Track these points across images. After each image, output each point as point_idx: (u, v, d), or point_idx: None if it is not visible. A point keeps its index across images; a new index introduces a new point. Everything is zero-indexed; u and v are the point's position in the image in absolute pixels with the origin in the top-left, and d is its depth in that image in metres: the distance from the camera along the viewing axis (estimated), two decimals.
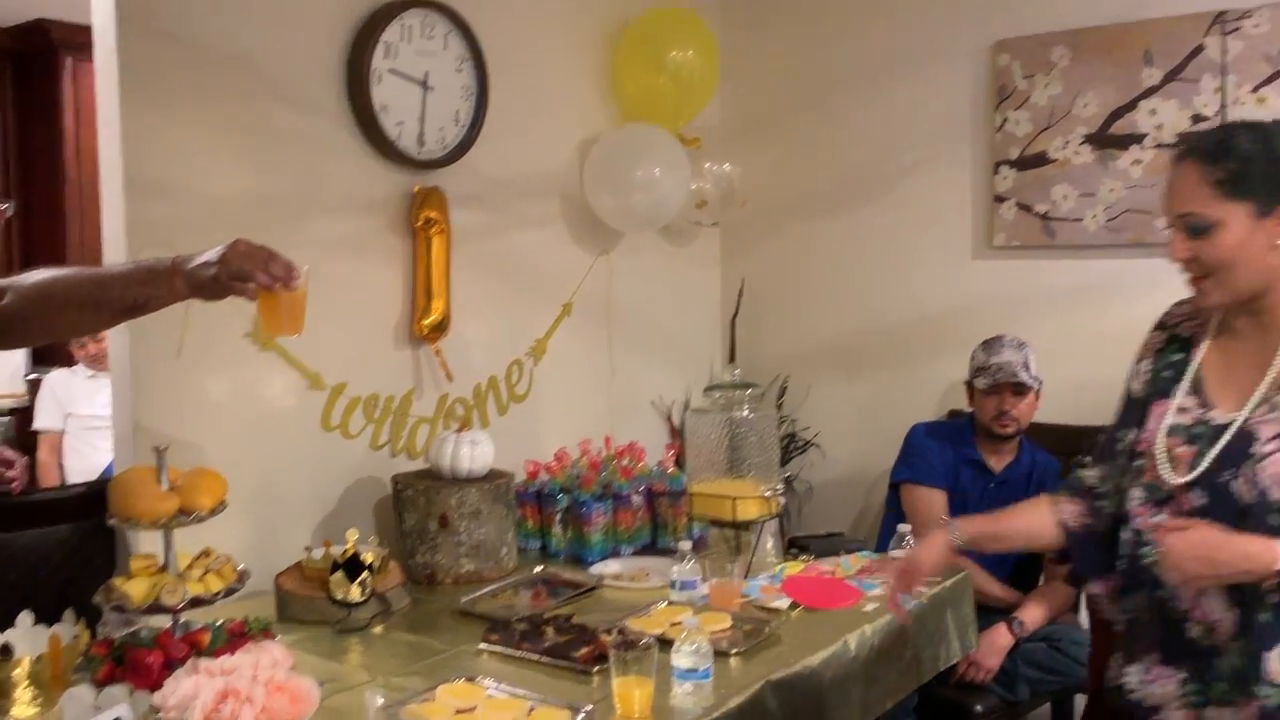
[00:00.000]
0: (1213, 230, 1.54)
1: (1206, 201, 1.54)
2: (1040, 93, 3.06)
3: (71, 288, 1.57)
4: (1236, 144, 1.55)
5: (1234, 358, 1.63)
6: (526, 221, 3.04)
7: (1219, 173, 1.54)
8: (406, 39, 2.61)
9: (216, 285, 1.60)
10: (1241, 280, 1.56)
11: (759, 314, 3.68)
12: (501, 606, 2.27)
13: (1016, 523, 1.88)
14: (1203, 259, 1.57)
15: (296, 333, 1.74)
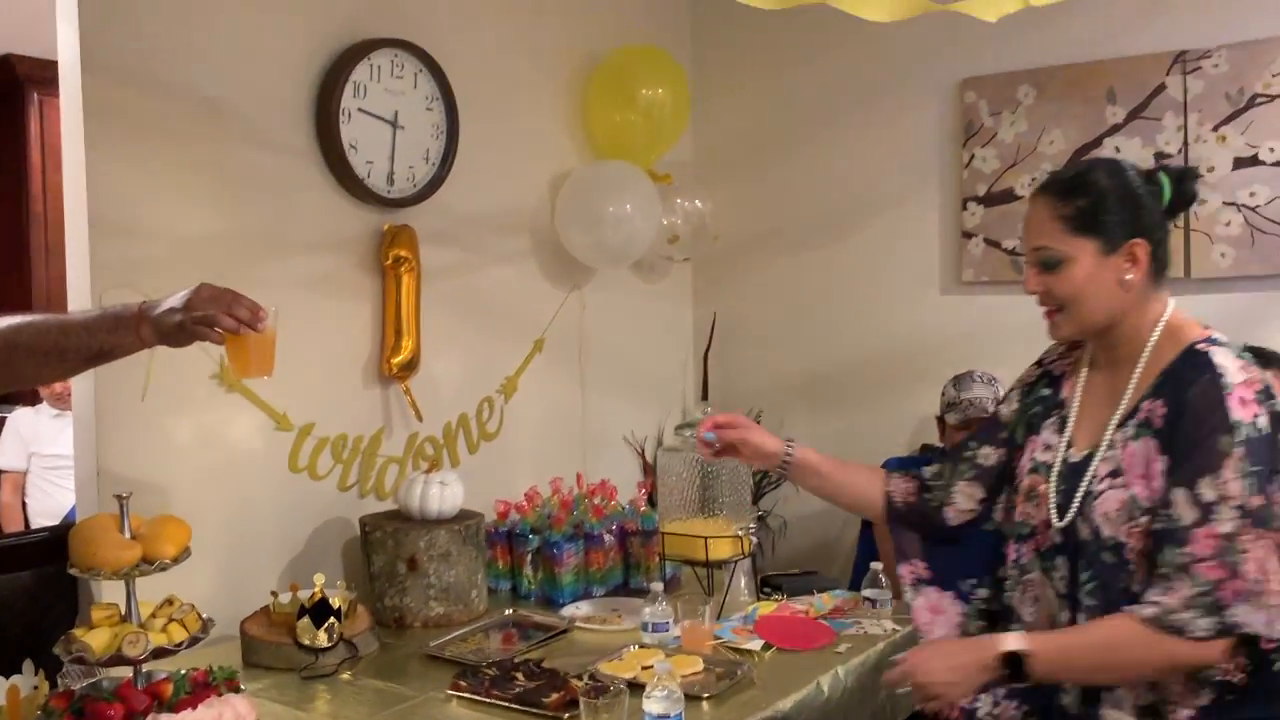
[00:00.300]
0: (1062, 265, 1.57)
1: (1057, 237, 1.57)
2: (1007, 130, 3.10)
3: (37, 335, 1.54)
4: (1088, 182, 1.58)
5: (1092, 394, 1.65)
6: (498, 258, 3.03)
7: (1068, 209, 1.57)
8: (376, 78, 2.61)
9: (182, 331, 1.59)
10: (1089, 314, 1.58)
11: (731, 348, 3.69)
12: (471, 650, 2.24)
13: (850, 476, 1.92)
14: (1054, 292, 1.59)
15: (266, 374, 1.73)
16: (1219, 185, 2.81)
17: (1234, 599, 1.41)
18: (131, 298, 2.17)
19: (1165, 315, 1.58)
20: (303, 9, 2.51)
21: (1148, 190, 1.58)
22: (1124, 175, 1.59)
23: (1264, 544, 1.41)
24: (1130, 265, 1.55)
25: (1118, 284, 1.56)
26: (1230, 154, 2.80)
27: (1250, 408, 1.45)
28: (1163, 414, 1.51)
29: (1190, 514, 1.44)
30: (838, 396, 3.49)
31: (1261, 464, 1.43)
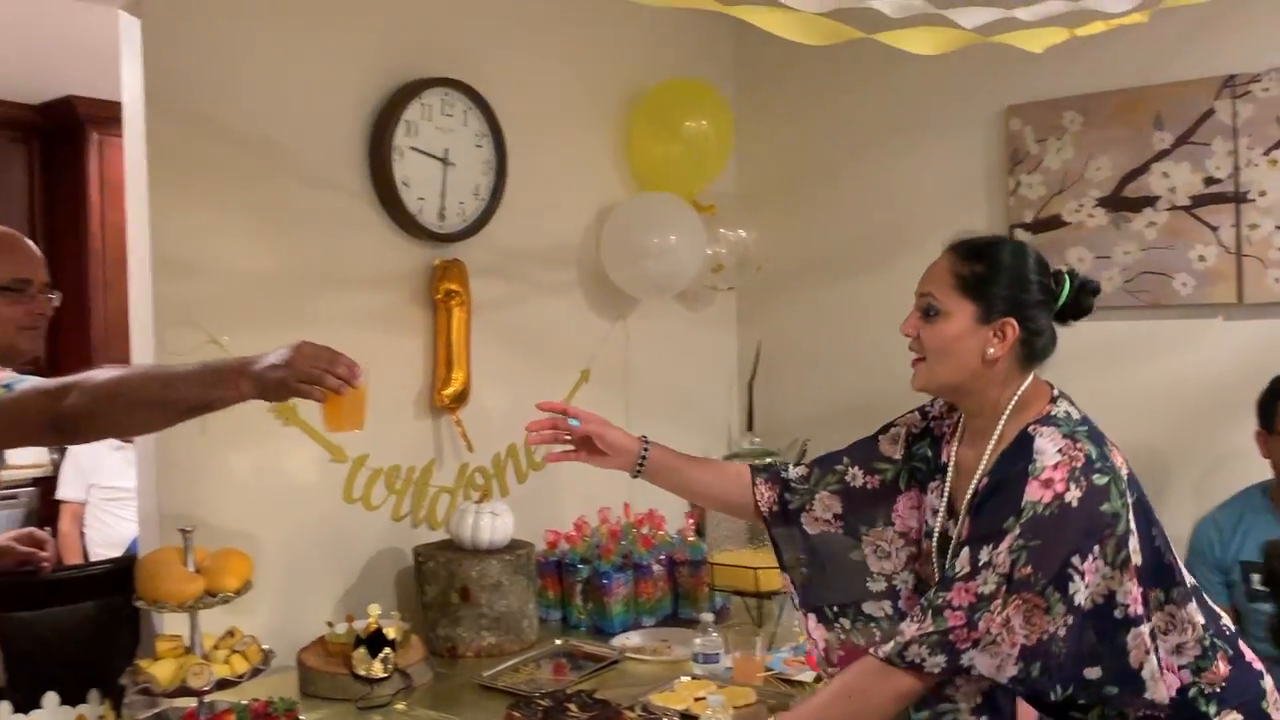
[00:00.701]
0: (939, 317, 1.63)
1: (945, 291, 1.64)
2: (1053, 156, 3.09)
3: (139, 388, 1.58)
4: (990, 253, 1.64)
5: (960, 467, 1.71)
6: (544, 290, 3.07)
7: (964, 270, 1.63)
8: (427, 117, 2.67)
9: (284, 388, 1.62)
10: (946, 372, 1.64)
11: (777, 377, 3.69)
12: (523, 681, 2.26)
13: (707, 473, 1.93)
14: (924, 340, 1.65)
15: (358, 429, 1.76)
16: (1271, 210, 2.79)
17: (968, 646, 1.50)
18: (192, 335, 2.26)
19: (1020, 391, 1.64)
20: (356, 51, 2.58)
21: (1041, 283, 1.64)
22: (1025, 260, 1.65)
23: (1016, 604, 1.49)
24: (998, 341, 1.61)
25: (980, 353, 1.61)
26: None
27: (1053, 488, 1.51)
28: (983, 488, 1.61)
29: (963, 569, 1.53)
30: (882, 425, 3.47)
31: (1043, 539, 1.49)
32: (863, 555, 1.79)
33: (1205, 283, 2.87)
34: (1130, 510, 1.54)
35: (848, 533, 1.80)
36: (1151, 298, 2.95)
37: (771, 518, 1.85)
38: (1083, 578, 1.49)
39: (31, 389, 1.52)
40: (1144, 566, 1.56)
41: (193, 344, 2.26)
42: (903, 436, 1.82)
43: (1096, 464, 1.53)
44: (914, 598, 1.75)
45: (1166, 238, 2.92)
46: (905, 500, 1.78)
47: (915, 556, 1.76)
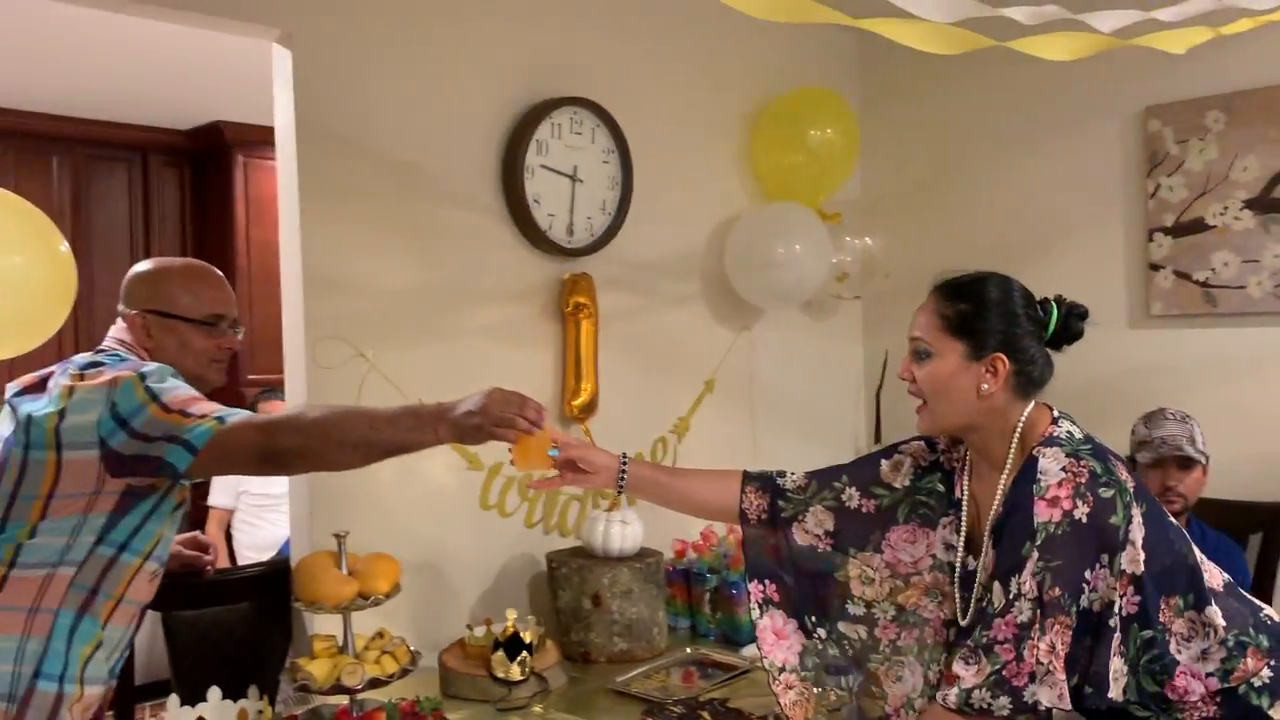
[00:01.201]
0: (931, 359, 1.67)
1: (933, 333, 1.68)
2: (1195, 158, 2.98)
3: (347, 428, 1.66)
4: (974, 291, 1.67)
5: (974, 502, 1.72)
6: (670, 302, 3.12)
7: (949, 310, 1.67)
8: (557, 135, 2.74)
9: (479, 432, 1.70)
10: (946, 412, 1.67)
11: (904, 386, 3.64)
12: (656, 687, 2.30)
13: (691, 484, 1.94)
14: (920, 383, 1.69)
15: (547, 467, 1.85)
16: None
17: (1025, 681, 1.52)
18: (340, 349, 2.37)
19: (1022, 418, 1.66)
20: (489, 75, 2.67)
21: (1028, 315, 1.67)
22: (1008, 295, 1.67)
23: (1055, 629, 1.53)
24: (990, 376, 1.63)
25: (975, 390, 1.64)
26: None
27: (1060, 506, 1.55)
28: (999, 517, 1.63)
29: (999, 602, 1.56)
30: None
31: (1061, 557, 1.53)
32: (846, 576, 1.81)
33: None
34: (1134, 522, 1.56)
35: (837, 550, 1.82)
36: None
37: (757, 523, 1.87)
38: (1091, 588, 1.54)
39: (243, 422, 1.62)
40: (1164, 574, 1.59)
41: (341, 358, 2.38)
42: (907, 465, 1.83)
43: (1102, 478, 1.56)
44: (891, 627, 1.78)
45: None
46: (899, 532, 1.79)
47: (898, 589, 1.78)
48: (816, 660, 1.81)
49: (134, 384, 1.65)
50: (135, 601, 1.77)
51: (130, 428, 1.62)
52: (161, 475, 1.65)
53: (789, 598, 1.83)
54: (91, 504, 1.65)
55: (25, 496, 1.64)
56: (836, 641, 1.80)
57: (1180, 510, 2.71)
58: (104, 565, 1.69)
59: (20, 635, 1.62)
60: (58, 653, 1.65)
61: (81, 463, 1.63)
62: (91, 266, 4.91)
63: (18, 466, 1.65)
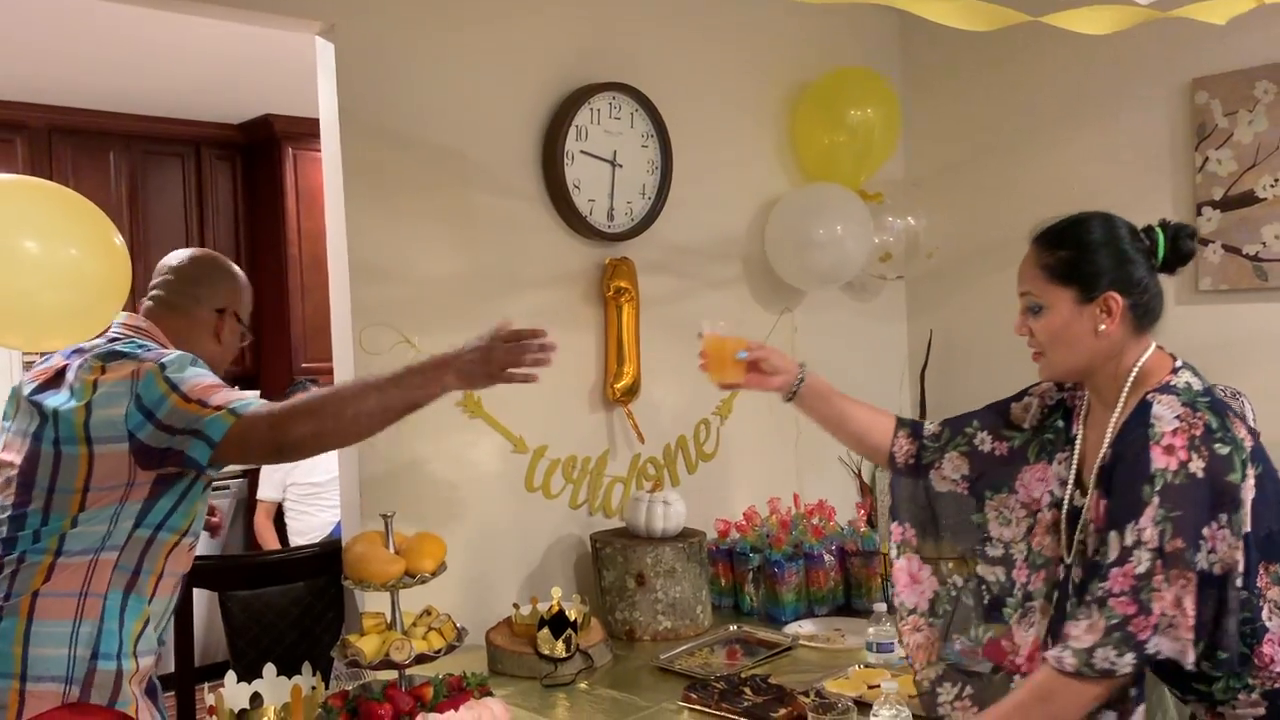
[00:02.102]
0: (1043, 311, 1.67)
1: (1039, 284, 1.67)
2: (1244, 130, 2.93)
3: (356, 402, 1.69)
4: (1072, 235, 1.66)
5: (1088, 440, 1.72)
6: (711, 284, 3.13)
7: (1051, 259, 1.66)
8: (596, 120, 2.77)
9: (488, 379, 1.76)
10: (1065, 359, 1.67)
11: (949, 366, 3.64)
12: (699, 664, 2.33)
13: (856, 410, 1.96)
14: (1036, 336, 1.69)
15: (737, 373, 1.92)
16: None
17: (1149, 633, 1.50)
18: (387, 335, 2.42)
19: (1140, 361, 1.64)
20: (528, 63, 2.70)
21: (1134, 246, 1.65)
22: (1110, 230, 1.66)
23: (1180, 583, 1.49)
24: (1105, 316, 1.63)
25: (1092, 333, 1.63)
26: None
27: (1176, 455, 1.52)
28: (1109, 463, 1.62)
29: (1114, 553, 1.53)
30: None
31: (1182, 509, 1.50)
32: (984, 519, 1.84)
33: None
34: (1247, 482, 1.53)
35: (973, 494, 1.85)
36: None
37: (905, 469, 1.91)
38: (1210, 547, 1.50)
39: (256, 415, 1.65)
40: (1268, 539, 1.55)
41: (388, 343, 2.43)
42: (1036, 406, 1.84)
43: (1217, 434, 1.52)
44: (1024, 568, 1.79)
45: None
46: (1031, 472, 1.81)
47: (1032, 529, 1.79)
48: (948, 608, 1.85)
49: (155, 375, 1.69)
50: (175, 573, 1.83)
51: (156, 419, 1.66)
52: (188, 468, 1.71)
53: (926, 543, 1.87)
54: (126, 494, 1.70)
55: (63, 490, 1.69)
56: (974, 589, 1.83)
57: None
58: (143, 546, 1.74)
59: (72, 620, 1.68)
60: (111, 632, 1.71)
61: (113, 456, 1.68)
62: (149, 258, 5.02)
63: (51, 461, 1.69)
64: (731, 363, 1.90)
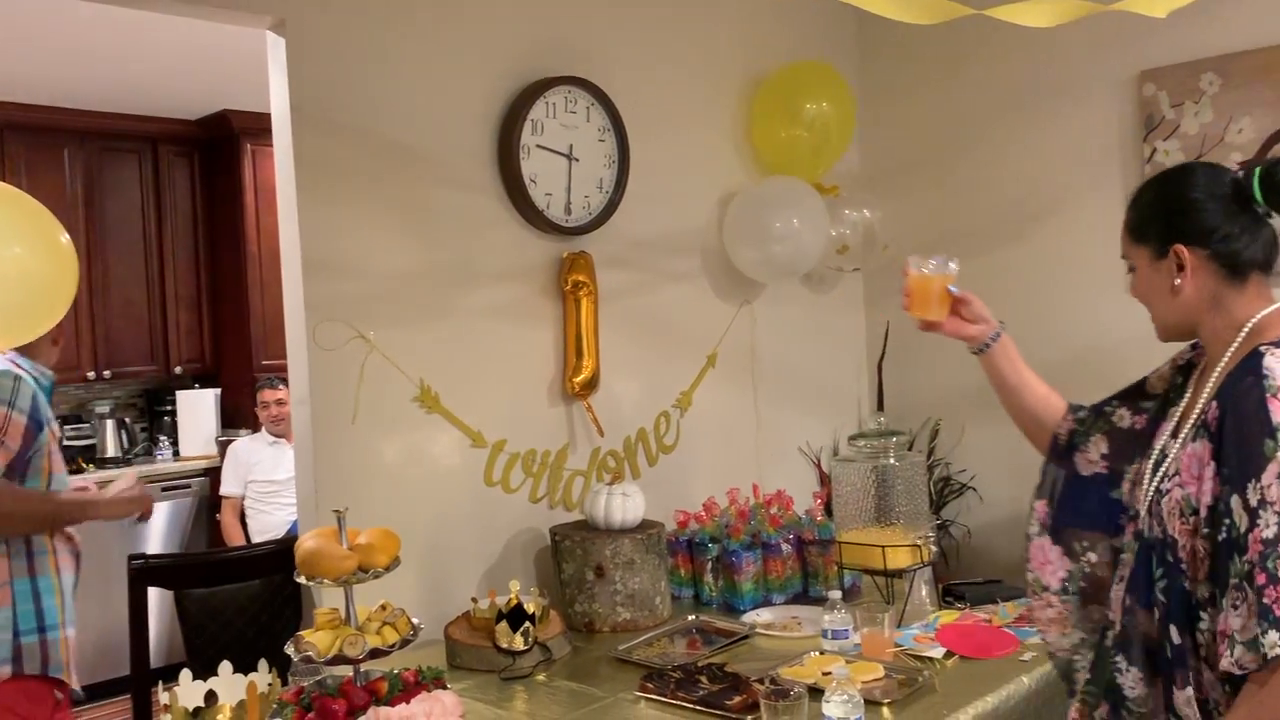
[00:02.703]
0: (1134, 272, 1.66)
1: (1125, 245, 1.67)
2: (1190, 121, 2.98)
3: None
4: (1144, 191, 1.65)
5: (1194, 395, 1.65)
6: (669, 278, 3.15)
7: (1130, 219, 1.65)
8: (551, 115, 2.77)
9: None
10: (1159, 316, 1.64)
11: (907, 357, 3.67)
12: (657, 654, 2.34)
13: (1035, 384, 1.94)
14: (1135, 295, 1.68)
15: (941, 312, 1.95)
16: None
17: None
18: (342, 330, 2.41)
19: (1255, 318, 1.55)
20: (483, 57, 2.70)
21: (1211, 193, 1.56)
22: (1184, 183, 1.59)
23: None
24: (1178, 270, 1.57)
25: (1169, 289, 1.59)
26: None
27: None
28: (1216, 416, 1.51)
29: (1244, 520, 1.42)
30: None
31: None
32: (1121, 493, 1.74)
33: None
34: None
35: (1111, 473, 1.78)
36: None
37: (1057, 449, 1.86)
38: None
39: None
40: None
41: (342, 339, 2.43)
42: (1168, 370, 1.79)
43: None
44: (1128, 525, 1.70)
45: None
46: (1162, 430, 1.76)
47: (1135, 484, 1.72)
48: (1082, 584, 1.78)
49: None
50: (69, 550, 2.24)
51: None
52: None
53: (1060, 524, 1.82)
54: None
55: None
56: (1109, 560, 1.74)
57: None
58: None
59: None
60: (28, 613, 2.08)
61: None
62: (106, 257, 4.99)
63: None
64: (937, 299, 1.92)
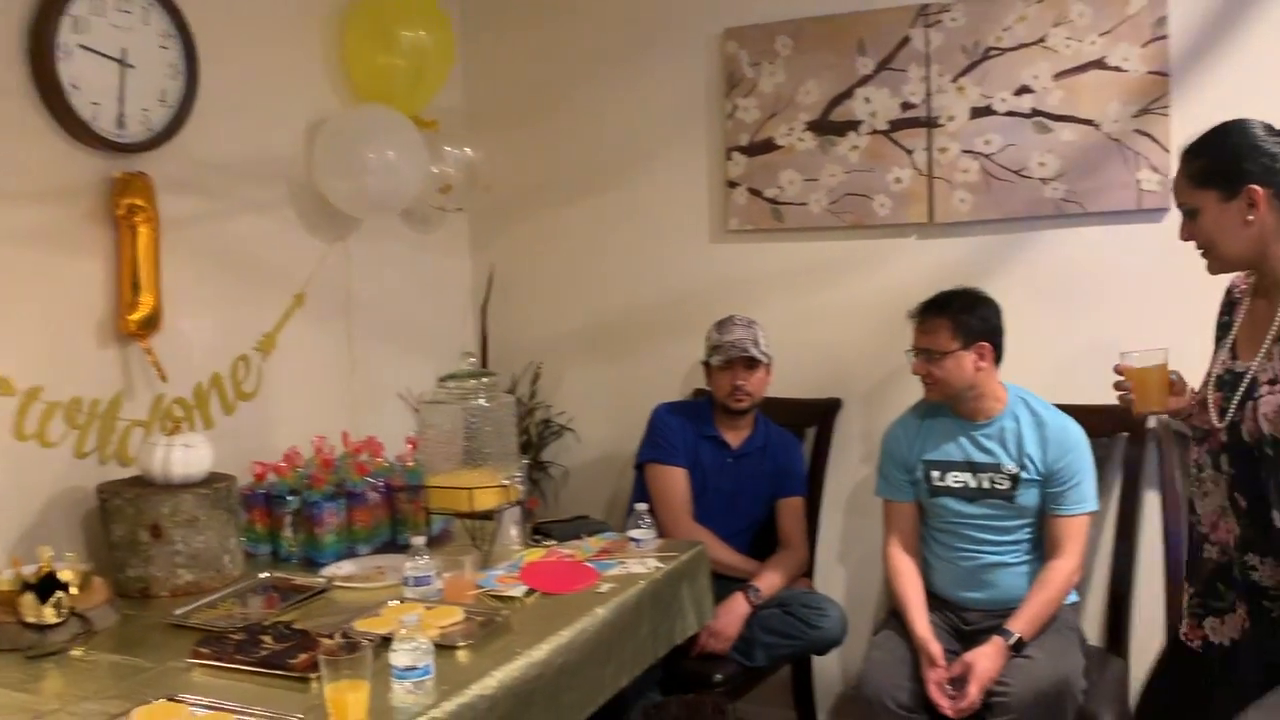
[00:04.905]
0: (1196, 215, 1.88)
1: (1186, 192, 1.89)
2: (767, 80, 3.17)
3: None
4: (1208, 143, 1.87)
5: (1258, 317, 1.93)
6: (250, 207, 2.88)
7: (1192, 168, 1.88)
8: (99, 12, 2.40)
9: None
10: (1226, 253, 1.88)
11: (510, 301, 3.66)
12: (221, 616, 2.15)
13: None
14: (1197, 238, 1.90)
15: (1165, 403, 2.02)
16: (958, 134, 2.97)
17: None
18: None
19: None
20: None
21: (1271, 140, 1.83)
22: (1245, 133, 1.85)
23: None
24: (1250, 207, 1.82)
25: (1243, 225, 1.83)
26: (968, 104, 2.96)
27: None
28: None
29: None
30: (614, 346, 3.52)
31: None
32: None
33: (901, 204, 3.05)
34: None
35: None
36: (854, 218, 3.11)
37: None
38: None
39: None
40: None
41: None
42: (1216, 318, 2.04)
43: None
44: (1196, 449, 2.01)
45: (867, 161, 3.07)
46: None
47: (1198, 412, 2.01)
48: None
49: None
50: None
51: None
52: None
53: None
54: None
55: None
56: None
57: (748, 407, 2.93)
58: None
59: None
60: None
61: None
62: None
63: None
64: (1158, 390, 2.00)
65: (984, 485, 2.56)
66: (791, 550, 2.92)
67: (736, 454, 2.96)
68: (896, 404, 2.85)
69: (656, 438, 2.97)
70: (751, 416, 2.98)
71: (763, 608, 2.77)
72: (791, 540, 2.93)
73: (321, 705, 1.66)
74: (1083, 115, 2.83)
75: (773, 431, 3.01)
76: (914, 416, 2.72)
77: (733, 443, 2.97)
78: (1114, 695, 2.54)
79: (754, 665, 2.75)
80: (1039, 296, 2.89)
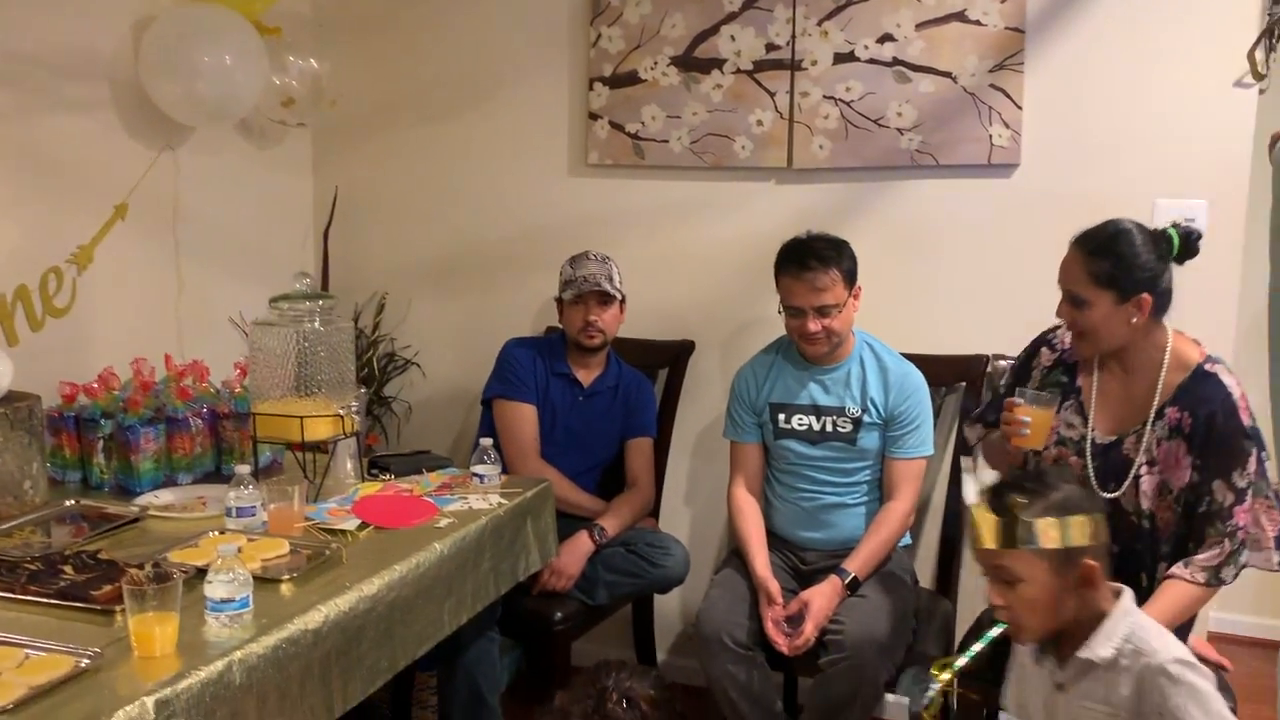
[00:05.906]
0: (1086, 306, 2.05)
1: (1084, 285, 2.05)
2: (632, 10, 3.08)
3: None
4: (1113, 249, 2.03)
5: (1107, 392, 2.15)
6: (64, 106, 2.62)
7: (1095, 267, 2.03)
8: None
9: None
10: (1104, 342, 2.09)
11: (356, 226, 3.48)
12: (18, 545, 1.97)
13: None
14: (1078, 323, 2.08)
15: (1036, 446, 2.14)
16: (820, 79, 2.95)
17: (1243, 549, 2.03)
18: None
19: (1170, 342, 2.08)
20: None
21: (1156, 252, 2.04)
22: (1143, 244, 2.03)
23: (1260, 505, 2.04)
24: (1136, 311, 2.03)
25: (1127, 324, 2.05)
26: (831, 49, 2.94)
27: (1249, 412, 2.03)
28: (1189, 423, 2.04)
29: (1229, 497, 2.01)
30: (465, 278, 3.41)
31: (1263, 450, 2.04)
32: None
33: (761, 147, 3.02)
34: None
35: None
36: (715, 159, 3.06)
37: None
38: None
39: None
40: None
41: None
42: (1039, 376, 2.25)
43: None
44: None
45: (730, 101, 3.03)
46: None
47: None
48: None
49: None
50: None
51: None
52: None
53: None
54: None
55: None
56: None
57: (600, 344, 2.87)
58: None
59: None
60: None
61: None
62: None
63: None
64: (1049, 431, 2.13)
65: (827, 428, 2.59)
66: (638, 490, 2.90)
67: (587, 392, 2.91)
68: (749, 348, 2.84)
69: (505, 373, 2.89)
70: (604, 355, 2.93)
71: (606, 546, 2.74)
72: (639, 480, 2.91)
73: (126, 639, 1.53)
74: (942, 68, 2.85)
75: (625, 371, 2.96)
76: (763, 360, 2.72)
77: (584, 381, 2.91)
78: (941, 636, 2.63)
79: (595, 604, 2.72)
80: (891, 246, 2.92)
